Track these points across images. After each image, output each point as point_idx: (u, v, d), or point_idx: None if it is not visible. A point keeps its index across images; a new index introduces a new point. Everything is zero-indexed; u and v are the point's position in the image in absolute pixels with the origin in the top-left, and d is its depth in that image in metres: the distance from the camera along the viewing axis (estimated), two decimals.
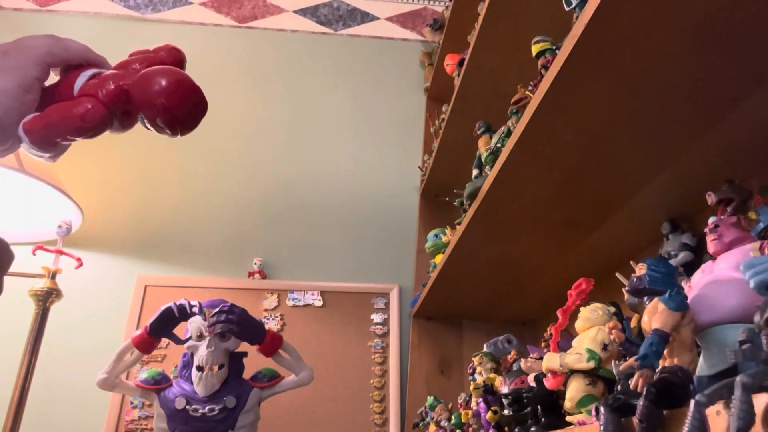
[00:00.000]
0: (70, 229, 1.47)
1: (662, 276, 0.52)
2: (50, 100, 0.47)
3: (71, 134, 0.45)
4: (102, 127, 0.46)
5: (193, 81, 0.49)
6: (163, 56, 0.51)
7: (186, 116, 0.48)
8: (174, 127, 0.47)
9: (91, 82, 0.48)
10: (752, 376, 0.34)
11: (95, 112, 0.45)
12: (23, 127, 0.45)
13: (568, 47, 0.65)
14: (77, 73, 0.49)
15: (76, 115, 0.45)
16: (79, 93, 0.47)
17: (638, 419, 0.44)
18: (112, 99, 0.46)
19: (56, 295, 1.40)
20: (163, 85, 0.46)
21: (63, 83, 0.49)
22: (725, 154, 0.79)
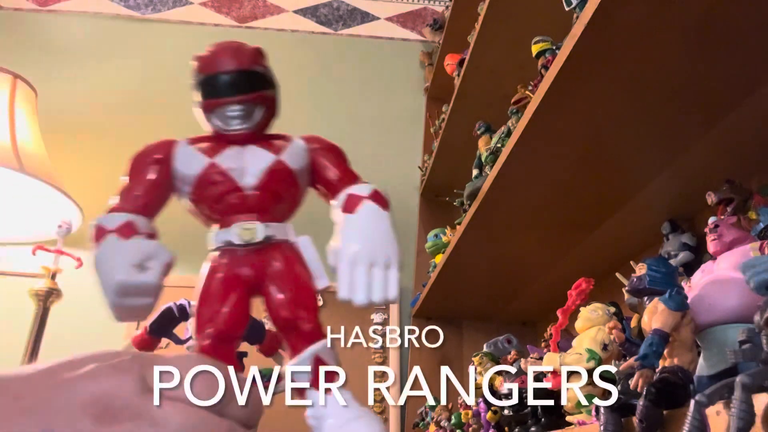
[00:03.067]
0: (70, 228, 1.47)
1: (662, 276, 0.52)
2: None
3: None
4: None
5: None
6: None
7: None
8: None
9: None
10: (752, 376, 0.34)
11: None
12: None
13: (568, 47, 0.65)
14: None
15: None
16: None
17: (638, 419, 0.44)
18: None
19: (56, 295, 1.40)
20: None
21: None
22: (725, 154, 0.79)
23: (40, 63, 1.88)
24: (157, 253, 0.48)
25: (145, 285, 0.46)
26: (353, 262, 0.49)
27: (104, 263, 0.47)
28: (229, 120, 0.54)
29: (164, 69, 1.96)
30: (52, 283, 1.39)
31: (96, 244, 0.48)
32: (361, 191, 0.53)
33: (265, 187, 0.53)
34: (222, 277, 0.51)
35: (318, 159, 0.57)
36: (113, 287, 0.46)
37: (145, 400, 0.29)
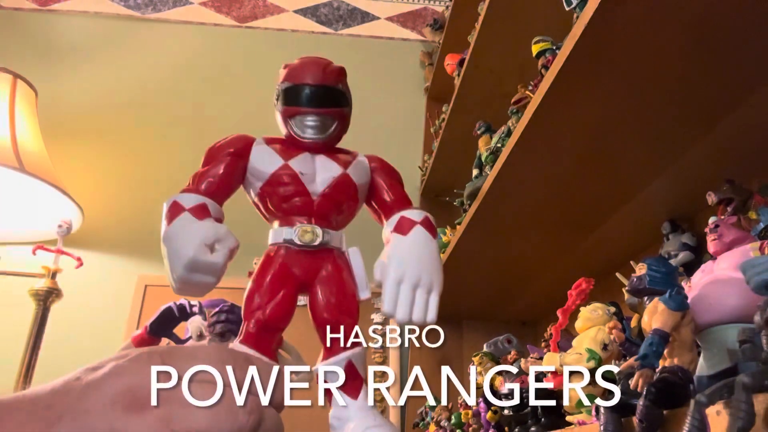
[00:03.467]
0: (70, 228, 1.47)
1: (662, 276, 0.52)
2: None
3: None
4: None
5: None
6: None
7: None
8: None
9: None
10: (752, 376, 0.34)
11: None
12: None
13: (568, 47, 0.65)
14: None
15: None
16: None
17: (638, 419, 0.44)
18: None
19: (56, 294, 1.40)
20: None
21: None
22: (725, 154, 0.79)
23: (40, 63, 1.88)
24: (226, 237, 0.51)
25: (213, 265, 0.50)
26: (399, 281, 0.52)
27: (178, 238, 0.51)
28: (307, 129, 0.58)
29: (164, 69, 1.96)
30: (52, 282, 1.39)
31: (170, 218, 0.51)
32: (414, 216, 0.57)
33: (329, 196, 0.57)
34: (276, 271, 0.55)
35: (377, 179, 0.62)
36: (185, 262, 0.49)
37: (171, 386, 0.30)
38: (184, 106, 1.91)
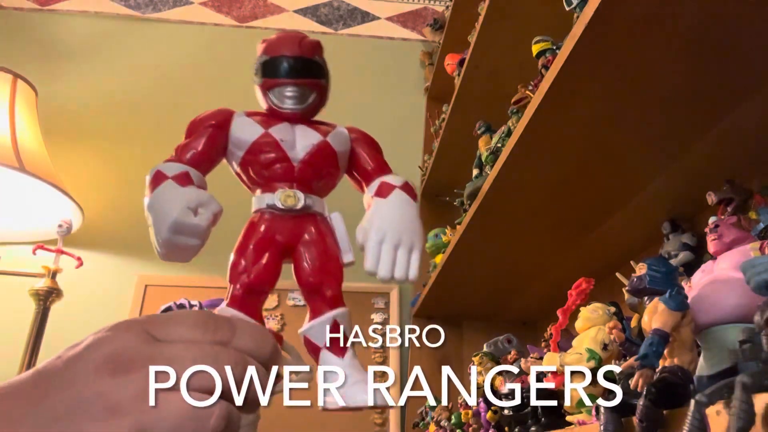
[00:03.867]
0: (70, 228, 1.47)
1: (662, 276, 0.52)
2: None
3: None
4: None
5: None
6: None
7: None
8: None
9: None
10: (752, 376, 0.34)
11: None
12: None
13: (568, 47, 0.65)
14: None
15: None
16: None
17: (638, 419, 0.44)
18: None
19: (56, 294, 1.40)
20: None
21: None
22: (725, 154, 0.79)
23: (40, 63, 1.88)
24: (209, 202, 0.53)
25: (197, 226, 0.51)
26: (381, 240, 0.54)
27: (162, 204, 0.52)
28: (286, 99, 0.61)
29: (164, 68, 1.96)
30: (52, 282, 1.39)
31: (153, 187, 0.53)
32: (394, 181, 0.59)
33: (309, 162, 0.59)
34: (260, 235, 0.57)
35: (357, 148, 0.64)
36: (169, 224, 0.51)
37: (154, 346, 0.30)
38: (185, 106, 1.91)
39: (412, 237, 0.56)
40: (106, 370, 0.29)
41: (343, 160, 0.63)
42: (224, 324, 0.32)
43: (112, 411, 0.28)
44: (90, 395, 0.28)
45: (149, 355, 0.30)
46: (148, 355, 0.30)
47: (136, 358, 0.30)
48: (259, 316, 0.59)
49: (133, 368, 0.29)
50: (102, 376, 0.29)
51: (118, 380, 0.29)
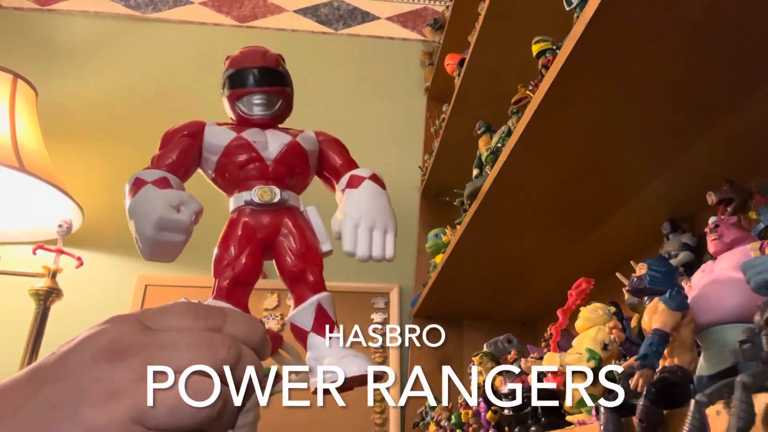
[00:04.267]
0: (70, 228, 1.47)
1: (662, 276, 0.52)
2: None
3: None
4: None
5: None
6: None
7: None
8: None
9: None
10: (752, 376, 0.34)
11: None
12: None
13: (568, 47, 0.65)
14: None
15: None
16: None
17: (638, 419, 0.44)
18: None
19: (56, 294, 1.40)
20: None
21: None
22: (725, 154, 0.79)
23: (40, 63, 1.88)
24: (189, 201, 0.55)
25: (180, 222, 0.53)
26: (356, 224, 0.57)
27: (143, 205, 0.53)
28: (254, 107, 0.63)
29: (164, 68, 1.96)
30: (52, 282, 1.39)
31: (134, 192, 0.54)
32: (362, 173, 0.63)
33: (282, 160, 0.62)
34: (241, 230, 0.59)
35: (325, 148, 0.67)
36: (153, 221, 0.52)
37: (149, 334, 0.31)
38: (185, 106, 1.91)
39: (385, 219, 0.58)
40: (102, 358, 0.30)
41: (313, 159, 0.66)
42: (215, 312, 0.33)
43: (111, 394, 0.29)
44: (88, 382, 0.29)
45: (145, 342, 0.30)
46: (144, 341, 0.30)
47: (132, 344, 0.30)
48: (246, 307, 0.60)
49: (129, 354, 0.30)
50: (99, 363, 0.29)
51: (116, 365, 0.29)
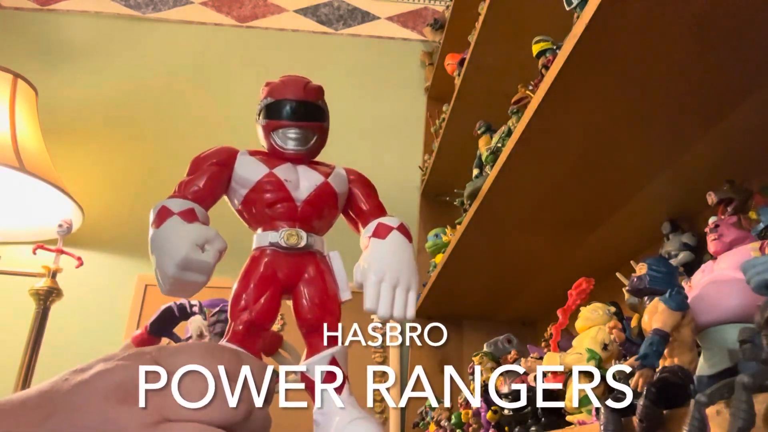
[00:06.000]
0: (70, 228, 1.47)
1: (663, 276, 0.52)
2: None
3: None
4: None
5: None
6: None
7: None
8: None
9: None
10: (752, 376, 0.34)
11: None
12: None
13: (568, 47, 0.65)
14: None
15: None
16: None
17: (638, 419, 0.44)
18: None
19: (56, 294, 1.40)
20: None
21: None
22: (725, 154, 0.79)
23: (40, 62, 1.88)
24: (215, 239, 0.54)
25: (205, 263, 0.52)
26: (380, 280, 0.56)
27: (169, 240, 0.53)
28: (289, 141, 0.62)
29: (164, 68, 1.96)
30: (52, 282, 1.39)
31: (159, 222, 0.53)
32: (391, 222, 0.61)
33: (312, 202, 0.61)
34: (261, 273, 0.58)
35: (355, 189, 0.66)
36: (177, 261, 0.51)
37: (164, 384, 0.30)
38: (185, 106, 1.91)
39: (410, 277, 0.57)
40: (114, 398, 0.29)
41: (342, 200, 0.65)
42: (232, 357, 0.33)
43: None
44: (96, 420, 0.29)
45: (160, 393, 0.30)
46: (158, 392, 0.30)
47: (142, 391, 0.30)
48: (258, 352, 0.59)
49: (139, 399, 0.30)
50: (110, 402, 0.29)
51: (126, 408, 0.29)
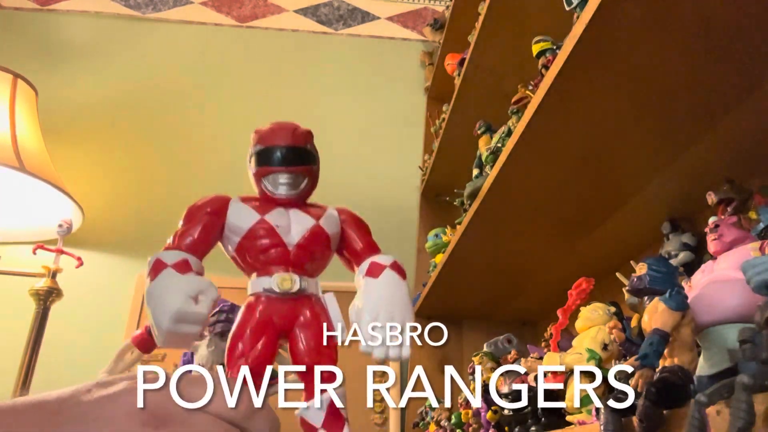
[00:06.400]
0: (70, 228, 1.47)
1: (663, 276, 0.52)
2: None
3: None
4: None
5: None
6: None
7: None
8: None
9: None
10: (752, 376, 0.34)
11: None
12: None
13: (568, 47, 0.65)
14: None
15: None
16: None
17: (638, 419, 0.44)
18: None
19: (56, 294, 1.40)
20: None
21: None
22: (725, 154, 0.79)
23: (41, 63, 1.88)
24: (208, 289, 0.55)
25: (198, 315, 0.53)
26: (374, 320, 0.57)
27: (163, 293, 0.54)
28: (280, 186, 0.64)
29: (164, 68, 1.96)
30: (52, 282, 1.39)
31: (154, 275, 0.55)
32: (383, 261, 0.62)
33: (304, 246, 0.62)
34: (257, 319, 0.59)
35: (347, 230, 0.67)
36: (171, 314, 0.52)
37: (186, 411, 0.32)
38: (184, 106, 1.91)
39: (404, 316, 0.58)
40: (138, 419, 0.30)
41: (335, 241, 0.66)
42: (247, 398, 0.35)
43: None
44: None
45: (182, 419, 0.31)
46: (180, 418, 0.31)
47: (168, 417, 0.31)
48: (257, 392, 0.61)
49: (163, 426, 0.30)
50: (132, 421, 0.30)
51: (147, 430, 0.30)
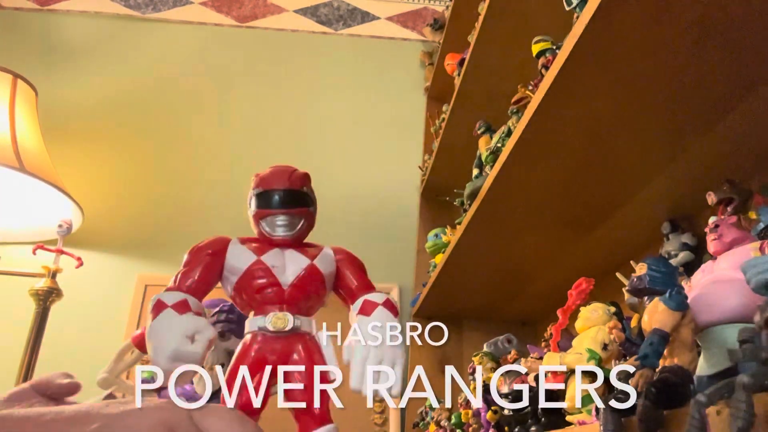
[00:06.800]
0: (70, 228, 1.47)
1: (662, 276, 0.52)
2: None
3: None
4: None
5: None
6: None
7: None
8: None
9: None
10: (752, 376, 0.34)
11: None
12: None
13: (568, 47, 0.65)
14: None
15: None
16: None
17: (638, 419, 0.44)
18: None
19: (56, 294, 1.40)
20: None
21: None
22: (725, 154, 0.79)
23: (40, 63, 1.88)
24: (205, 329, 0.58)
25: (194, 354, 0.56)
26: (365, 358, 0.59)
27: (162, 332, 0.57)
28: (277, 227, 0.67)
29: (164, 68, 1.96)
30: (52, 282, 1.39)
31: (154, 314, 0.58)
32: (376, 299, 0.64)
33: (298, 285, 0.64)
34: (252, 358, 0.62)
35: (342, 268, 0.70)
36: (168, 353, 0.56)
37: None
38: (184, 106, 1.91)
39: (394, 354, 0.60)
40: (161, 430, 0.35)
41: (330, 280, 0.68)
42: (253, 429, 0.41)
43: None
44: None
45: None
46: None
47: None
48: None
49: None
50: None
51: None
